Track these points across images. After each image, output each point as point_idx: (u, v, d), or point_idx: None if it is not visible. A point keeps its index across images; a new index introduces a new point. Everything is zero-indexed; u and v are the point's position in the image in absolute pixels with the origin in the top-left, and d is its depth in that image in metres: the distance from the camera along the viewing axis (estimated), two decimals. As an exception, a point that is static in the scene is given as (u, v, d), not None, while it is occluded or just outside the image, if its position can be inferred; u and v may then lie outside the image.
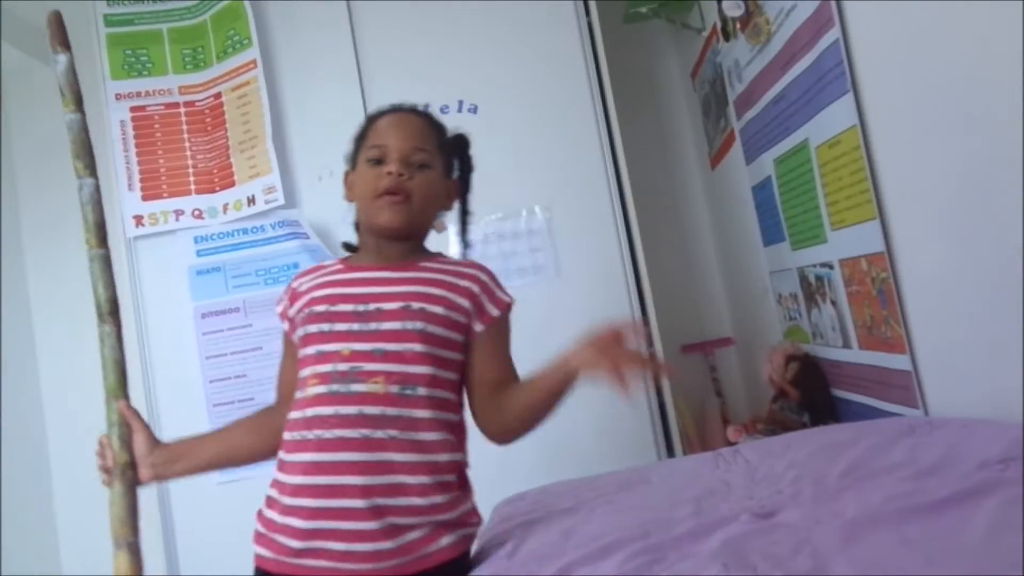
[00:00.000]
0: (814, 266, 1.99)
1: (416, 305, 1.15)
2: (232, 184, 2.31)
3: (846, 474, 1.24)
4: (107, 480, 1.24)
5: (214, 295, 2.30)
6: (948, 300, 1.41)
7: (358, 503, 1.08)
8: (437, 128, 1.29)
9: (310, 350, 1.18)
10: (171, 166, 2.35)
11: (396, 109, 1.29)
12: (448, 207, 1.32)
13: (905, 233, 1.51)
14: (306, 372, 1.18)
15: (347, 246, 1.34)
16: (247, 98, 2.33)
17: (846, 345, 1.87)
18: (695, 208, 3.14)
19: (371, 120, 1.29)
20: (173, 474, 1.27)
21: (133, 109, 2.35)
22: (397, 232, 1.22)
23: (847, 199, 1.69)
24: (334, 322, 1.16)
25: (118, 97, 2.36)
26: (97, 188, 1.34)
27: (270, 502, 1.18)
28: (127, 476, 1.24)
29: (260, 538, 1.17)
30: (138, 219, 2.31)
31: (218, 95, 2.36)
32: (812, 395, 2.02)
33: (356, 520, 1.08)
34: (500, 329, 1.23)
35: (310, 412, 1.13)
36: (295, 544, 1.11)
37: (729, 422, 2.65)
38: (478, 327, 1.21)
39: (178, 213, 2.32)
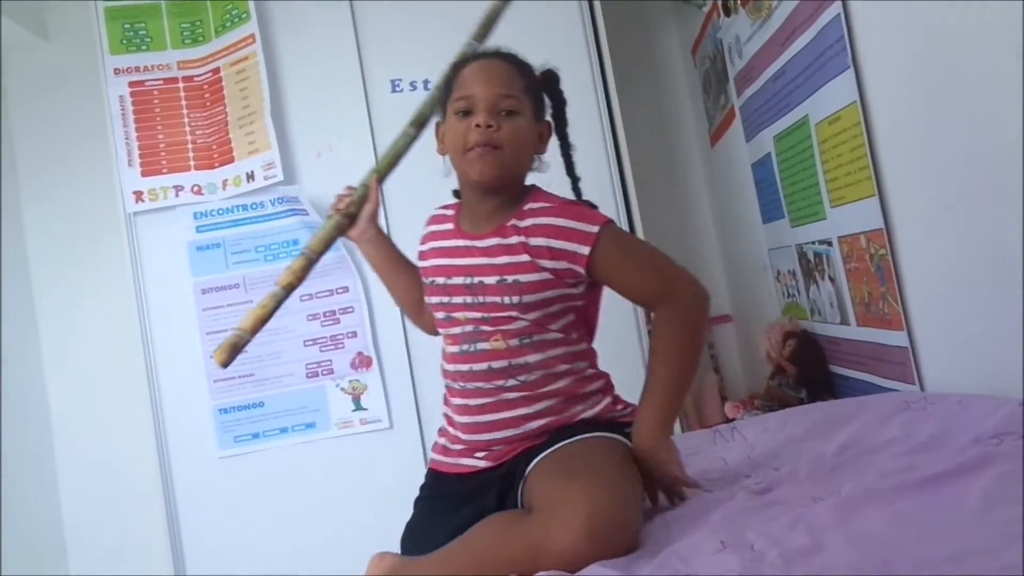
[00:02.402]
0: (813, 243, 1.99)
1: (510, 278, 1.19)
2: (231, 160, 2.31)
3: (842, 451, 1.25)
4: (330, 214, 1.46)
5: (214, 271, 2.30)
6: (946, 276, 1.41)
7: (507, 432, 1.21)
8: (524, 70, 1.26)
9: (439, 314, 1.28)
10: (170, 142, 2.34)
11: (480, 55, 1.28)
12: (543, 150, 1.29)
13: (904, 210, 1.51)
14: (441, 331, 1.29)
15: (457, 193, 1.35)
16: (245, 73, 2.32)
17: (844, 322, 1.88)
18: (694, 185, 3.13)
19: (456, 69, 1.27)
20: (367, 252, 1.49)
21: (132, 84, 2.34)
22: (490, 185, 1.22)
23: (847, 176, 1.69)
24: (452, 295, 1.24)
25: (116, 72, 2.34)
26: None
27: (442, 431, 1.33)
28: (342, 222, 1.46)
29: (434, 448, 1.34)
30: (138, 195, 2.31)
31: (216, 70, 2.34)
32: (809, 371, 2.04)
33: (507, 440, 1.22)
34: (609, 255, 1.17)
35: (451, 367, 1.26)
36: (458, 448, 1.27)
37: (727, 399, 2.67)
38: (578, 269, 1.18)
39: (177, 189, 2.31)
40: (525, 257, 1.18)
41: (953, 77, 1.28)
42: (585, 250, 1.17)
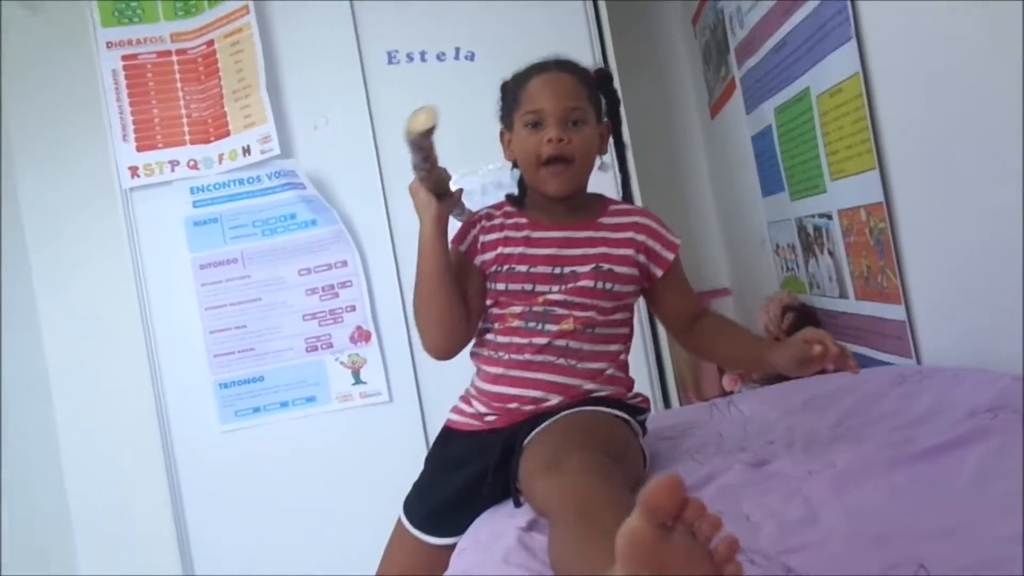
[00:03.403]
0: (813, 216, 1.98)
1: (605, 266, 1.26)
2: (227, 134, 2.29)
3: (838, 424, 1.26)
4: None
5: (211, 246, 2.30)
6: (945, 251, 1.41)
7: (528, 404, 1.24)
8: (586, 78, 1.31)
9: (504, 298, 1.28)
10: (165, 116, 2.32)
11: (544, 67, 1.30)
12: (604, 151, 1.35)
13: (905, 183, 1.51)
14: (504, 309, 1.28)
15: (512, 199, 1.36)
16: (240, 45, 2.29)
17: (843, 295, 1.88)
18: (694, 158, 3.11)
19: (521, 81, 1.31)
20: (427, 228, 1.27)
21: (125, 58, 2.31)
22: (566, 196, 1.28)
23: (847, 148, 1.68)
24: (536, 283, 1.26)
25: (109, 46, 2.31)
26: None
27: (464, 397, 1.33)
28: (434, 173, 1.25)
29: (452, 409, 1.34)
30: (133, 170, 2.29)
31: (210, 43, 2.32)
32: (808, 345, 2.04)
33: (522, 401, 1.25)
34: (676, 268, 1.32)
35: (503, 339, 1.27)
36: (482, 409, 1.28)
37: (725, 371, 2.68)
38: (657, 272, 1.30)
39: (173, 164, 2.30)
40: (628, 251, 1.27)
41: (957, 49, 1.26)
42: (670, 257, 1.30)
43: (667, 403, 2.35)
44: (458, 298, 1.26)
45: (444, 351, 1.29)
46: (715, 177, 3.04)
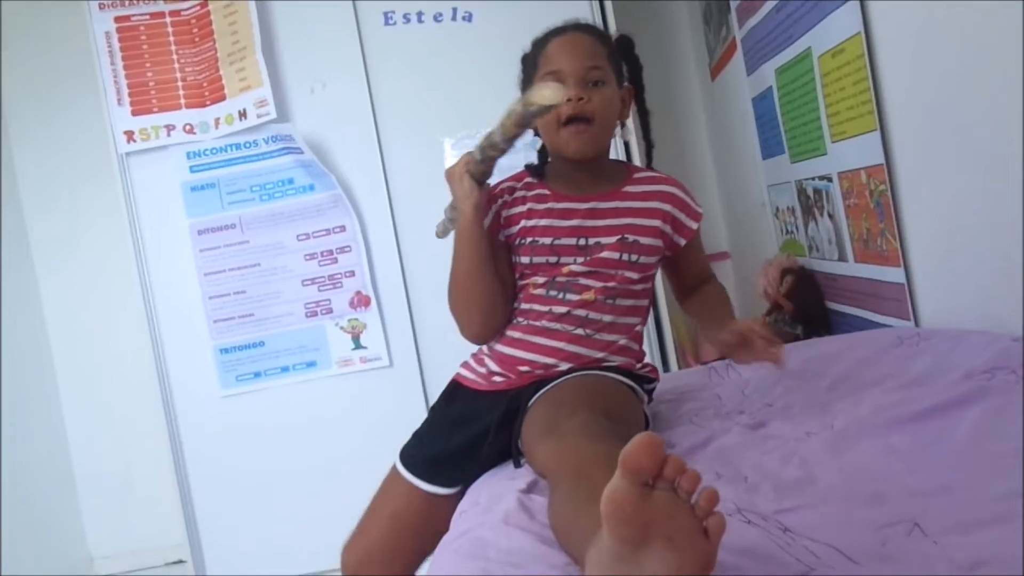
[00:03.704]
0: (813, 179, 1.97)
1: (631, 238, 1.25)
2: (223, 98, 2.26)
3: (835, 386, 1.27)
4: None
5: (209, 212, 2.29)
6: (945, 213, 1.41)
7: (539, 368, 1.24)
8: (605, 40, 1.30)
9: (529, 270, 1.28)
10: (160, 79, 2.29)
11: (562, 30, 1.29)
12: (627, 115, 1.35)
13: (906, 145, 1.50)
14: (526, 280, 1.28)
15: (532, 169, 1.35)
16: (234, 7, 2.26)
17: (842, 258, 1.88)
18: (693, 120, 3.09)
19: (540, 44, 1.30)
20: (468, 217, 1.23)
21: (118, 20, 2.28)
22: (586, 159, 1.26)
23: (848, 110, 1.67)
24: (560, 255, 1.25)
25: (102, 7, 2.28)
26: None
27: (479, 358, 1.32)
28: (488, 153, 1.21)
29: (462, 365, 1.35)
30: (129, 134, 2.27)
31: (204, 3, 2.28)
32: (806, 308, 2.05)
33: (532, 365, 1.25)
34: (697, 237, 1.33)
35: (524, 306, 1.27)
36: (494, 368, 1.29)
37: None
38: (680, 241, 1.30)
39: (169, 128, 2.28)
40: (654, 221, 1.26)
41: (959, 8, 1.24)
42: (694, 226, 1.31)
43: (666, 367, 2.36)
44: (499, 284, 1.26)
45: (486, 337, 1.29)
46: (715, 140, 3.01)
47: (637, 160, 1.77)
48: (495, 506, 1.02)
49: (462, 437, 1.25)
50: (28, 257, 2.71)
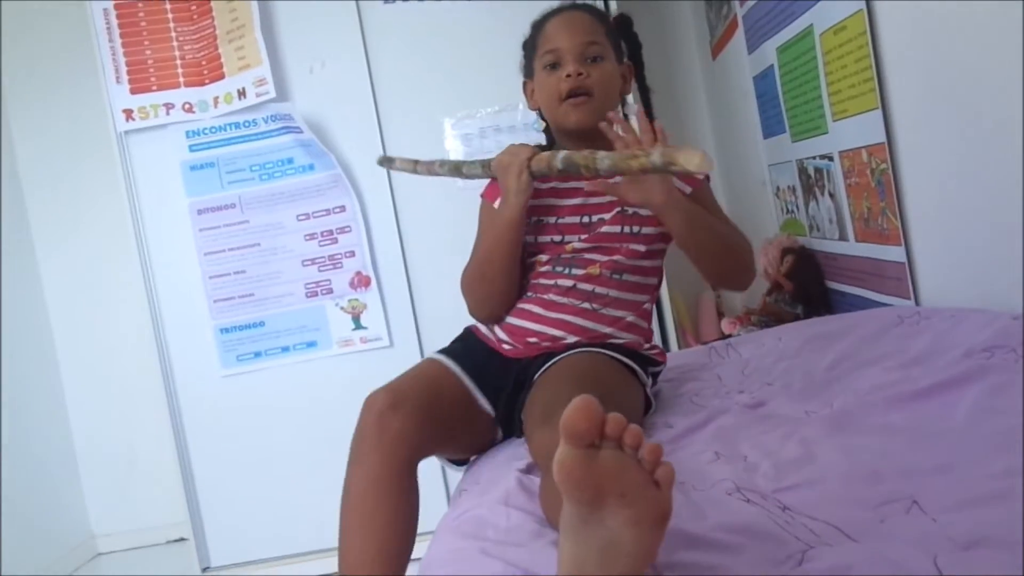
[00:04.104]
0: (814, 158, 1.97)
1: (630, 210, 1.25)
2: (222, 76, 2.25)
3: (835, 365, 1.27)
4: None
5: (209, 191, 2.28)
6: (946, 191, 1.40)
7: (547, 341, 1.25)
8: (602, 17, 1.33)
9: (539, 248, 1.30)
10: (158, 57, 2.28)
11: (559, 10, 1.32)
12: (627, 91, 1.36)
13: (907, 123, 1.49)
14: (532, 257, 1.30)
15: (539, 149, 1.33)
16: (232, -17, 2.24)
17: (842, 237, 1.87)
18: (694, 99, 3.07)
19: (538, 26, 1.33)
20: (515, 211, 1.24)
21: (115, -4, 2.27)
22: (586, 131, 1.26)
23: (850, 88, 1.66)
24: (564, 233, 1.28)
25: (99, -16, 2.26)
26: None
27: (488, 327, 1.33)
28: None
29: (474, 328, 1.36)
30: (127, 113, 2.26)
31: (202, -19, 2.26)
32: (806, 287, 2.05)
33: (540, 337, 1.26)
34: (708, 195, 1.30)
35: (532, 280, 1.29)
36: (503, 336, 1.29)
37: (724, 315, 2.69)
38: (686, 188, 1.27)
39: (168, 107, 2.27)
40: None
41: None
42: (687, 189, 1.26)
43: (666, 347, 2.36)
44: (518, 272, 1.28)
45: (496, 319, 1.31)
46: (716, 119, 3.00)
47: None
48: (495, 486, 1.02)
49: (478, 384, 1.23)
50: (28, 237, 2.71)
